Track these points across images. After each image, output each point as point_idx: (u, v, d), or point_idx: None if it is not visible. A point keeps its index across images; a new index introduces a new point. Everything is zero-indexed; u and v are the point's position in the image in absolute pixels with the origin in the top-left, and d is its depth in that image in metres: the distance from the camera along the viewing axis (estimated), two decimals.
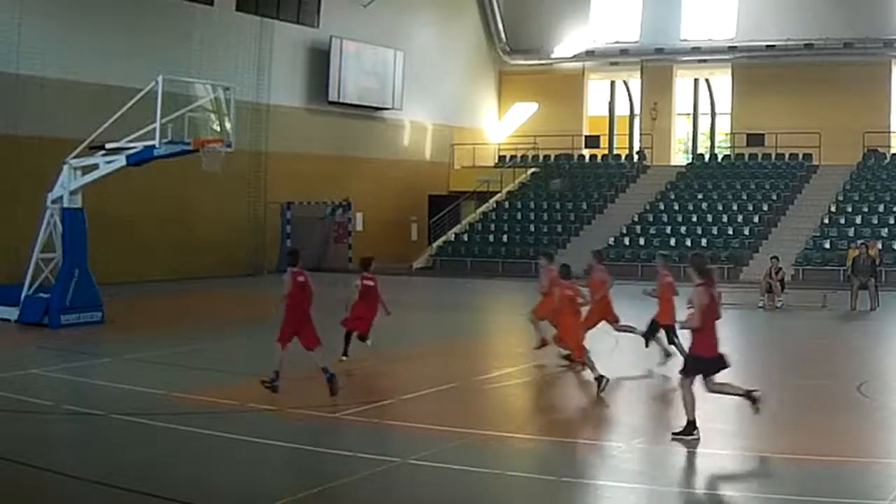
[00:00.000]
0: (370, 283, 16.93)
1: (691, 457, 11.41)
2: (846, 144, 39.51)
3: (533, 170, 44.50)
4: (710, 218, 38.19)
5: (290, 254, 15.37)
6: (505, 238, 39.78)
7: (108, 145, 21.42)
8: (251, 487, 10.07)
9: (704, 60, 43.83)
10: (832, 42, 40.63)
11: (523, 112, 47.16)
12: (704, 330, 11.82)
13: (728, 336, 22.90)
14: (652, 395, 15.80)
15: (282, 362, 14.13)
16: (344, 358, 16.51)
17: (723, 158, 43.37)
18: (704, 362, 11.95)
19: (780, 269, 26.92)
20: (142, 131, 20.86)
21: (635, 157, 44.55)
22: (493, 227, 40.92)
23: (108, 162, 21.34)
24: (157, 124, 20.45)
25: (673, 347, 16.56)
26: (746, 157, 42.22)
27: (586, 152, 45.89)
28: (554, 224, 40.19)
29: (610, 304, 17.71)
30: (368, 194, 39.90)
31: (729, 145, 44.28)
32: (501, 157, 46.68)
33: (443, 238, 40.66)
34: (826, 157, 40.41)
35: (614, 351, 19.14)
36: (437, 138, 44.61)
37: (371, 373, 16.81)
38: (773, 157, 41.63)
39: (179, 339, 18.15)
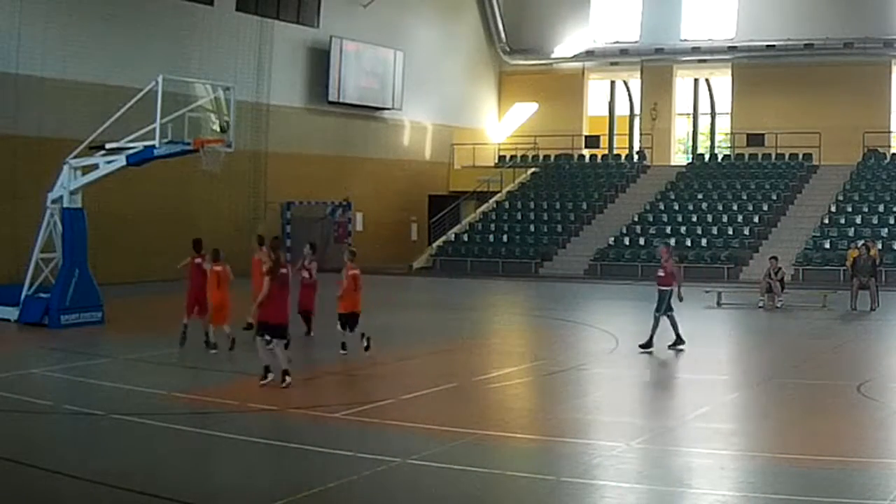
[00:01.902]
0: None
1: (691, 457, 11.42)
2: (846, 144, 39.53)
3: (533, 170, 44.51)
4: (710, 218, 38.19)
5: (193, 242, 18.55)
6: (505, 238, 39.78)
7: (108, 145, 21.41)
8: (251, 487, 10.07)
9: (704, 60, 43.84)
10: (832, 42, 40.64)
11: (523, 112, 47.16)
12: (271, 300, 14.48)
13: (728, 336, 23.13)
14: (651, 394, 15.81)
15: (184, 327, 17.94)
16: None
17: (723, 158, 43.38)
18: (269, 327, 14.61)
19: (780, 268, 26.93)
20: (142, 131, 20.86)
21: (635, 157, 44.56)
22: (493, 227, 40.92)
23: (108, 162, 21.33)
24: (157, 124, 20.45)
25: (344, 331, 17.45)
26: (746, 157, 42.22)
27: (586, 152, 45.89)
28: (554, 224, 40.20)
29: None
30: (368, 194, 39.91)
31: (729, 145, 44.29)
32: (501, 157, 46.68)
33: (443, 238, 40.66)
34: (826, 157, 40.43)
35: (613, 351, 19.17)
36: (437, 138, 44.62)
37: (371, 373, 16.82)
38: (773, 157, 41.63)
39: (179, 339, 18.15)
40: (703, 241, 36.65)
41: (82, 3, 29.85)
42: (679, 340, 18.44)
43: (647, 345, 18.20)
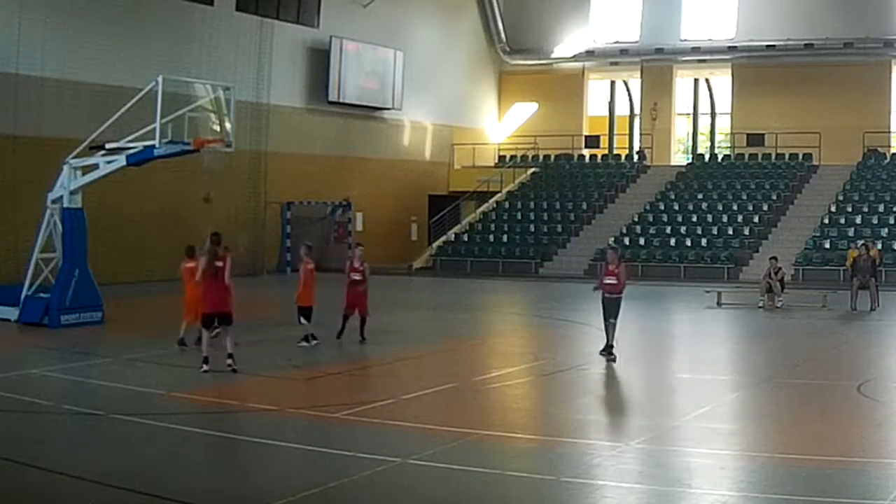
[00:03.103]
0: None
1: (691, 457, 11.42)
2: (846, 144, 39.54)
3: (533, 170, 44.51)
4: (710, 218, 38.19)
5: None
6: (505, 238, 39.78)
7: (108, 145, 21.41)
8: (251, 487, 10.07)
9: (704, 60, 43.84)
10: (832, 42, 40.65)
11: (523, 112, 47.16)
12: (206, 290, 15.82)
13: (728, 336, 23.13)
14: (651, 394, 15.80)
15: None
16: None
17: (723, 158, 43.38)
18: (213, 316, 15.83)
19: (780, 268, 26.93)
20: (142, 131, 20.86)
21: (635, 157, 44.56)
22: (493, 227, 40.92)
23: (108, 162, 21.34)
24: (157, 124, 20.44)
25: (303, 322, 18.28)
26: (746, 157, 42.23)
27: (586, 152, 45.90)
28: (554, 224, 40.20)
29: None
30: (368, 194, 39.91)
31: (729, 145, 44.29)
32: (501, 157, 46.68)
33: (443, 238, 40.66)
34: (826, 157, 40.44)
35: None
36: (437, 138, 44.62)
37: (371, 373, 16.82)
38: (773, 157, 41.64)
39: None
40: (703, 241, 36.65)
41: (82, 3, 29.83)
42: (609, 349, 17.44)
43: (608, 350, 17.40)
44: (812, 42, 41.03)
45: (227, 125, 22.21)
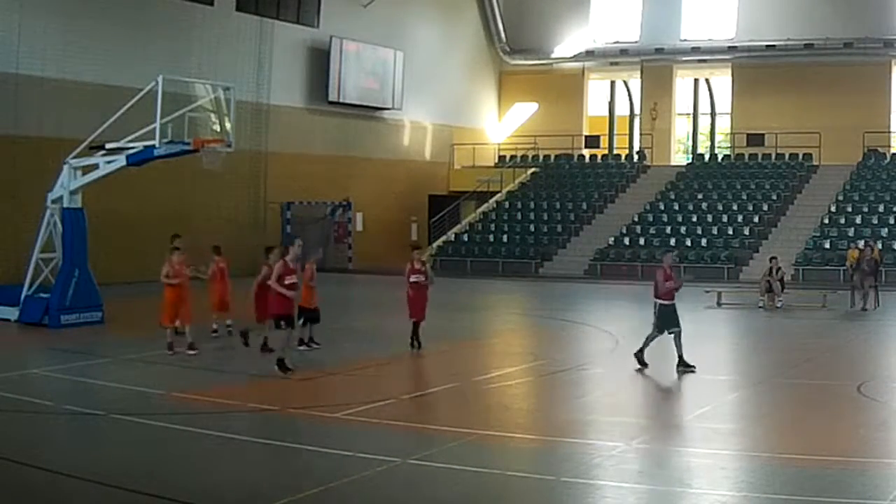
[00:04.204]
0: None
1: (691, 457, 11.42)
2: (846, 144, 39.53)
3: (533, 170, 44.51)
4: (710, 218, 38.19)
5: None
6: (505, 238, 39.78)
7: (108, 145, 21.43)
8: (251, 487, 10.07)
9: (704, 60, 43.84)
10: (832, 42, 40.65)
11: (523, 112, 47.16)
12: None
13: (728, 336, 23.13)
14: (651, 394, 15.80)
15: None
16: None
17: (723, 158, 43.38)
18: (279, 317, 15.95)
19: (780, 268, 26.93)
20: (142, 131, 20.86)
21: (635, 157, 44.56)
22: (493, 227, 40.92)
23: (108, 162, 21.35)
24: (157, 124, 20.45)
25: (304, 326, 18.12)
26: (746, 157, 42.23)
27: (586, 152, 45.89)
28: (554, 224, 40.20)
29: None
30: (368, 194, 39.91)
31: (729, 145, 44.29)
32: (501, 157, 46.69)
33: (443, 238, 40.67)
34: (826, 157, 40.43)
35: (613, 351, 19.16)
36: (437, 138, 44.62)
37: (371, 373, 16.82)
38: (773, 157, 41.64)
39: (179, 339, 18.14)
40: (703, 241, 36.65)
41: (82, 3, 29.84)
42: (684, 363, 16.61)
43: (687, 365, 16.46)
44: (812, 42, 41.03)
45: (227, 125, 22.22)
